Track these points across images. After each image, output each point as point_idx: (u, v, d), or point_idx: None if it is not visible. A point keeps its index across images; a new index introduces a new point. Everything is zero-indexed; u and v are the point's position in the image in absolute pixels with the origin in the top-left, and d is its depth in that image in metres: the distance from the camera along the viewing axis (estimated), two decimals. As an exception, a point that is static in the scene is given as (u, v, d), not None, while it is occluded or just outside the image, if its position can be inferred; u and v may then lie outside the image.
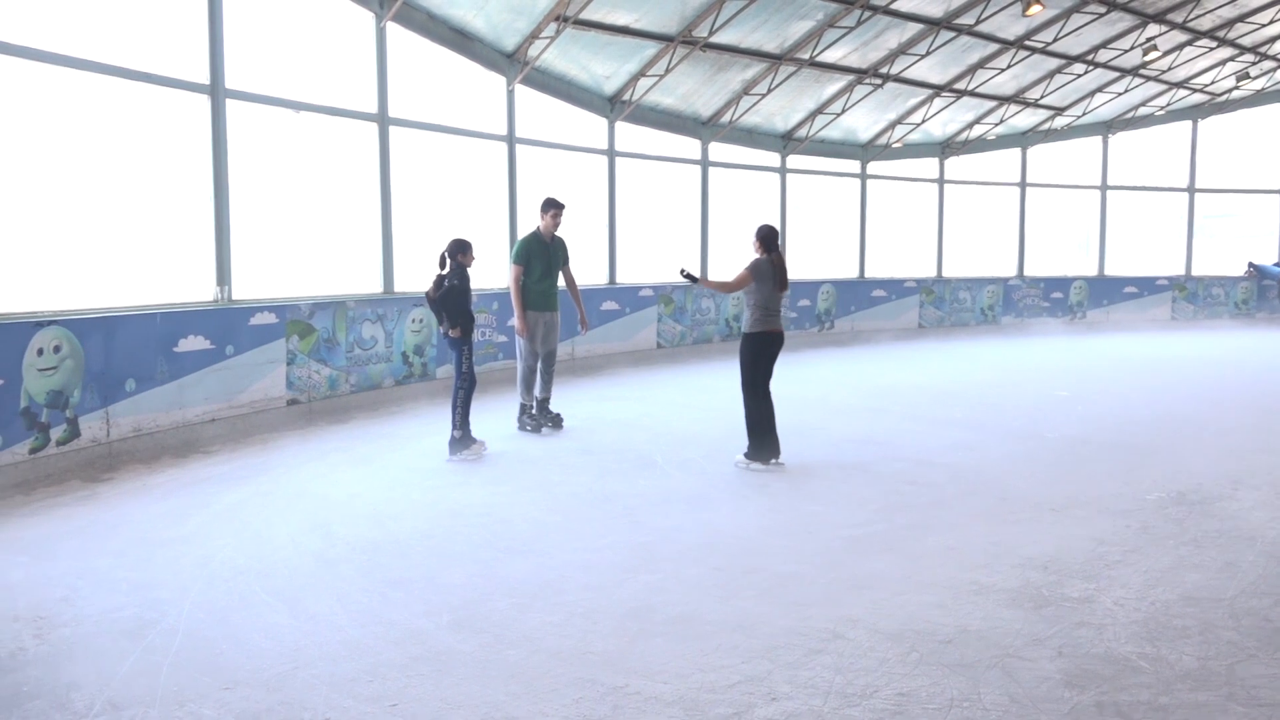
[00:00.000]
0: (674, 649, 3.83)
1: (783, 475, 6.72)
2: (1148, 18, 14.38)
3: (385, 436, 8.09)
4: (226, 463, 7.10)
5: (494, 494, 6.25)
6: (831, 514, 5.75)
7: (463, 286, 7.25)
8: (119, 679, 3.59)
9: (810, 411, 9.31)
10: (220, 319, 7.91)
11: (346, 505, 5.95)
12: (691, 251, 14.42)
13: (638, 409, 9.25)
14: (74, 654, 3.80)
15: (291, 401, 8.56)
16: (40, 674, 3.62)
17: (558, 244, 8.44)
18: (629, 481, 6.58)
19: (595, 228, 12.95)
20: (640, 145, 13.53)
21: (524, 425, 8.28)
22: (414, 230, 10.19)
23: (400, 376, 9.80)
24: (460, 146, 10.97)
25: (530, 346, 8.29)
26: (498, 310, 10.90)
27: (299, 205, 9.23)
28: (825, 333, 16.06)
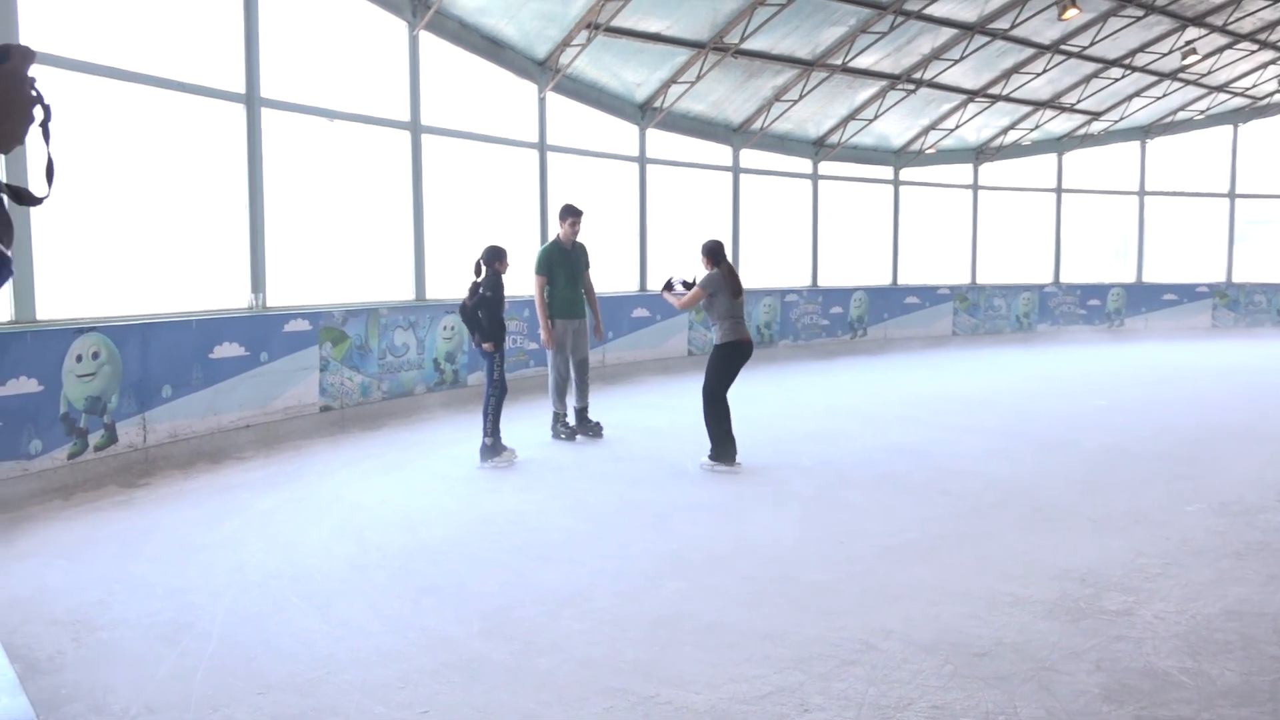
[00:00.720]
0: (704, 658, 3.82)
1: (814, 483, 6.68)
2: (1187, 20, 14.20)
3: (417, 444, 8.14)
4: (260, 469, 7.18)
5: (525, 501, 6.27)
6: (863, 523, 5.71)
7: (496, 297, 7.29)
8: (155, 683, 3.63)
9: (842, 419, 9.26)
10: (254, 326, 8.01)
11: (378, 512, 5.99)
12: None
13: (668, 417, 9.25)
14: (111, 658, 3.85)
15: (324, 408, 8.65)
16: (78, 677, 3.67)
17: (579, 250, 8.45)
18: (659, 489, 6.58)
19: (626, 235, 12.97)
20: (671, 152, 13.55)
21: (558, 433, 8.30)
22: (446, 238, 10.27)
23: (432, 383, 9.87)
24: (492, 154, 11.05)
25: (559, 356, 8.32)
26: (528, 317, 10.95)
27: (332, 213, 9.33)
28: (858, 340, 15.97)
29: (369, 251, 9.75)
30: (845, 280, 16.12)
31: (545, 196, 11.58)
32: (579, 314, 8.42)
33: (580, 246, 8.47)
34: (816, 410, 9.90)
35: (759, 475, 6.95)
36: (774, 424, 9.06)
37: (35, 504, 6.07)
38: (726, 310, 7.21)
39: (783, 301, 14.93)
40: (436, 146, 10.21)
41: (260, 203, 8.28)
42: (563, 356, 8.33)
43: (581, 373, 8.44)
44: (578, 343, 8.42)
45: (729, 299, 7.21)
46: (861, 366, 13.86)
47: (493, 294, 7.27)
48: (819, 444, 8.07)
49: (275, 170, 8.46)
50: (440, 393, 9.94)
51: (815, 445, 8.02)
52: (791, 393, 11.17)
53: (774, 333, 14.82)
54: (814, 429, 8.78)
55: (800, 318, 15.20)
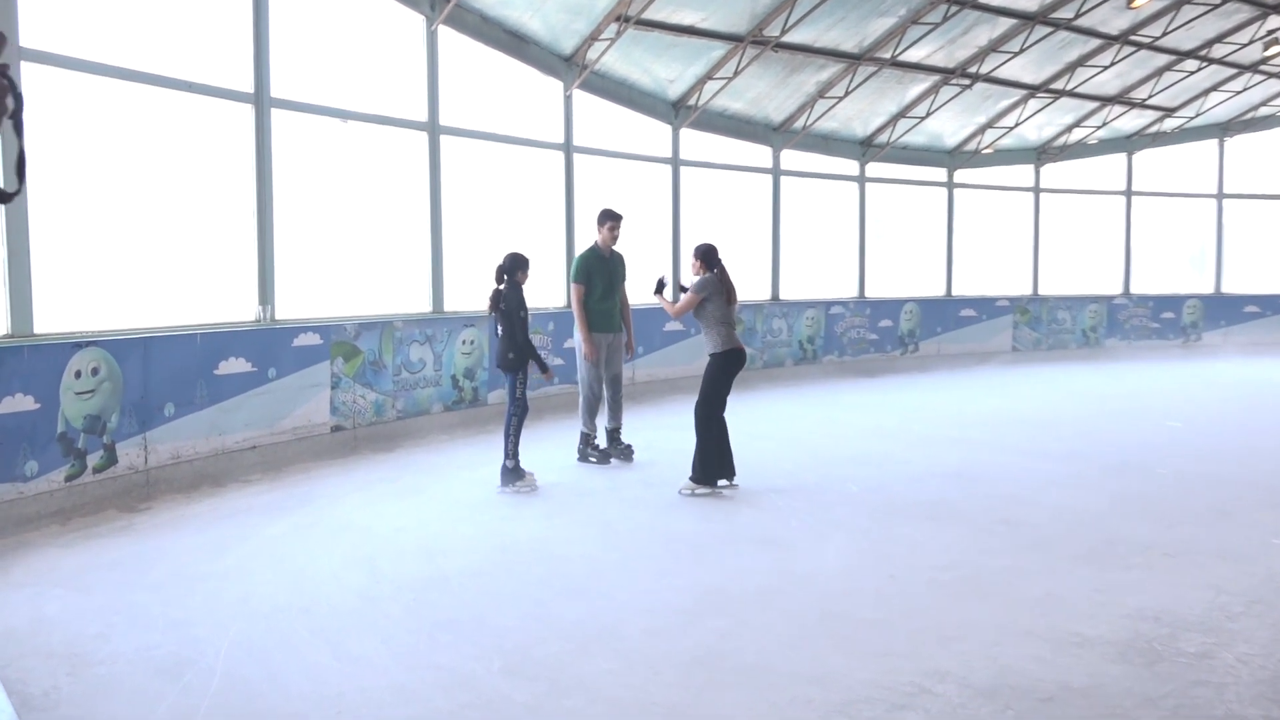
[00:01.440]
0: (744, 701, 3.80)
1: (862, 511, 6.65)
2: (1268, 8, 14.05)
3: (433, 466, 8.19)
4: (267, 493, 7.26)
5: (549, 529, 6.28)
6: (916, 555, 5.68)
7: (510, 309, 7.30)
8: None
9: (891, 442, 9.21)
10: (262, 340, 8.10)
11: (392, 540, 6.03)
12: (762, 266, 14.40)
13: (703, 438, 9.25)
14: (109, 693, 3.90)
15: (335, 428, 8.73)
16: (74, 713, 3.72)
17: (617, 259, 8.50)
18: (694, 517, 6.58)
19: (658, 241, 13.00)
20: (707, 153, 13.58)
21: (587, 456, 8.32)
22: (465, 246, 10.35)
23: (450, 402, 9.93)
24: (514, 156, 11.12)
25: (593, 372, 8.34)
26: (554, 331, 10.99)
27: (345, 220, 9.42)
28: (908, 356, 15.89)
29: (384, 261, 9.83)
30: (895, 291, 16.06)
31: (571, 201, 11.65)
32: (615, 327, 8.45)
33: (618, 255, 8.51)
34: (864, 432, 9.86)
35: (802, 502, 6.93)
36: (818, 446, 9.04)
37: (31, 529, 6.17)
38: (721, 316, 7.28)
39: (827, 314, 14.90)
40: (456, 148, 10.30)
41: (269, 209, 8.39)
42: (596, 372, 8.36)
43: (614, 390, 8.47)
44: (612, 358, 8.45)
45: (723, 304, 7.30)
46: (912, 384, 13.79)
47: (507, 306, 7.29)
48: (867, 468, 8.04)
49: (285, 174, 8.57)
50: (459, 412, 10.00)
51: (863, 470, 7.99)
52: (836, 412, 11.14)
53: (817, 348, 14.78)
54: (861, 452, 8.74)
55: (846, 331, 15.16)
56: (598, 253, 8.38)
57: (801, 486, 7.39)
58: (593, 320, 8.29)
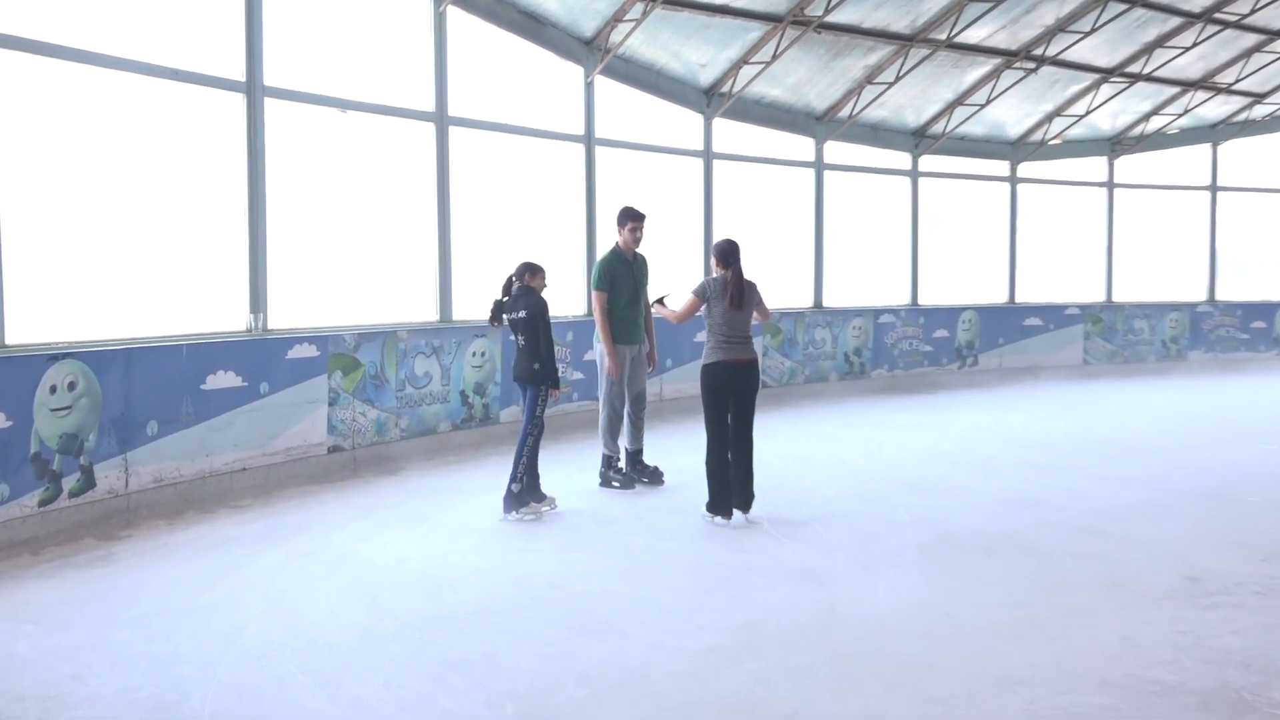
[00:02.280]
0: (783, 754, 3.79)
1: (915, 543, 6.63)
2: (1371, -18, 13.94)
3: (441, 491, 8.23)
4: (258, 520, 7.31)
5: (567, 561, 6.29)
6: (976, 592, 5.65)
7: (534, 316, 7.31)
8: (136, 771, 3.70)
9: (948, 466, 9.18)
10: (253, 352, 8.18)
11: (395, 572, 6.06)
12: (803, 270, 14.40)
13: (738, 461, 9.25)
14: (86, 740, 3.94)
15: (333, 449, 8.79)
16: (49, 762, 3.76)
17: (640, 262, 8.52)
18: (727, 547, 6.57)
19: (688, 243, 13.02)
20: (742, 145, 13.61)
21: (610, 480, 8.34)
22: (476, 248, 10.41)
23: (458, 420, 9.98)
24: (530, 149, 11.18)
25: (615, 388, 8.36)
26: (573, 341, 11.03)
27: (344, 219, 9.50)
28: (967, 370, 15.82)
29: (386, 265, 9.89)
30: (952, 298, 16.01)
31: (593, 199, 11.70)
32: (639, 338, 8.47)
33: (642, 259, 8.53)
34: (917, 454, 9.83)
35: (847, 533, 6.91)
36: (865, 470, 9.01)
37: (0, 559, 6.24)
38: (719, 323, 7.24)
39: (876, 323, 14.87)
40: (465, 141, 10.37)
41: (261, 208, 8.48)
42: (620, 389, 8.38)
43: (637, 409, 8.48)
44: (635, 373, 8.47)
45: (725, 309, 7.23)
46: (972, 402, 13.74)
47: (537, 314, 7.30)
48: (920, 495, 8.00)
49: (279, 170, 8.66)
50: (468, 431, 10.05)
51: (916, 497, 7.95)
52: (886, 433, 11.10)
53: (865, 361, 14.75)
54: (914, 477, 8.71)
55: (897, 343, 15.12)
56: (620, 256, 8.39)
57: (847, 515, 7.36)
58: (616, 331, 8.29)
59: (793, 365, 13.85)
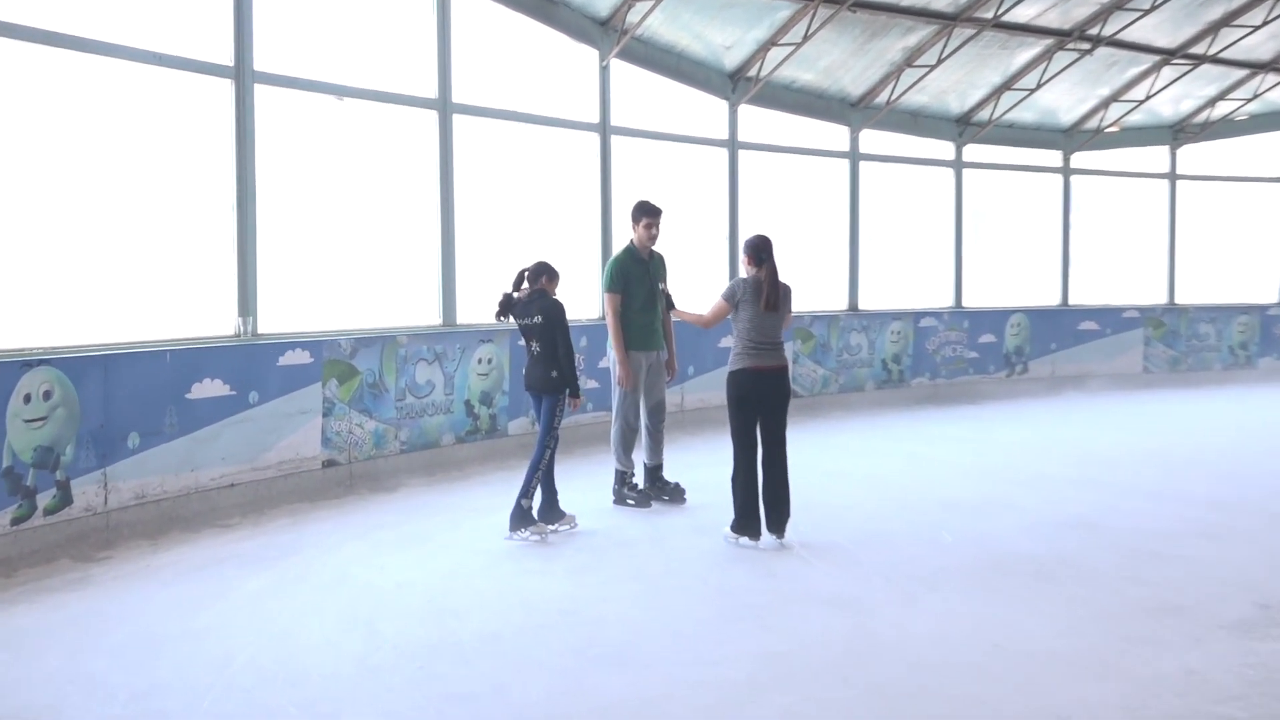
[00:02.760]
0: (816, 796, 3.80)
1: (959, 567, 6.61)
2: None
3: (444, 509, 8.25)
4: (248, 539, 7.34)
5: (580, 586, 6.31)
6: (1025, 620, 5.63)
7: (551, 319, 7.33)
8: (117, 810, 3.73)
9: (995, 483, 9.15)
10: (242, 358, 8.22)
11: (395, 596, 6.08)
12: (837, 269, 14.39)
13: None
14: (63, 777, 3.97)
15: (328, 463, 8.83)
16: (23, 800, 3.79)
17: (657, 262, 8.52)
18: (754, 572, 6.58)
19: (711, 240, 13.03)
20: (770, 134, 13.62)
21: (624, 498, 8.35)
22: (482, 246, 10.44)
23: (463, 432, 10.01)
24: (540, 138, 11.22)
25: (630, 398, 8.36)
26: (587, 347, 11.03)
27: (340, 215, 9.53)
28: (1016, 378, 15.77)
29: (385, 264, 9.91)
30: (999, 300, 15.97)
31: (608, 192, 11.72)
32: (656, 344, 8.46)
33: (658, 257, 8.54)
34: (961, 470, 9.81)
35: (885, 555, 6.90)
36: (905, 488, 9.00)
37: (-28, 581, 6.30)
38: (747, 327, 7.23)
39: (916, 327, 14.85)
40: (471, 130, 10.42)
41: (251, 204, 8.53)
42: (634, 399, 8.39)
43: (656, 420, 8.49)
44: (653, 382, 8.47)
45: (755, 312, 7.23)
46: (1021, 413, 13.70)
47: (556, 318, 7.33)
48: (965, 515, 7.99)
49: (270, 162, 8.70)
50: (474, 444, 10.08)
51: (960, 517, 7.94)
52: (928, 446, 11.08)
53: (905, 368, 14.73)
54: (958, 495, 8.69)
55: (940, 349, 15.09)
56: (635, 254, 8.40)
57: (884, 536, 7.35)
58: (630, 336, 8.28)
59: (826, 373, 13.84)
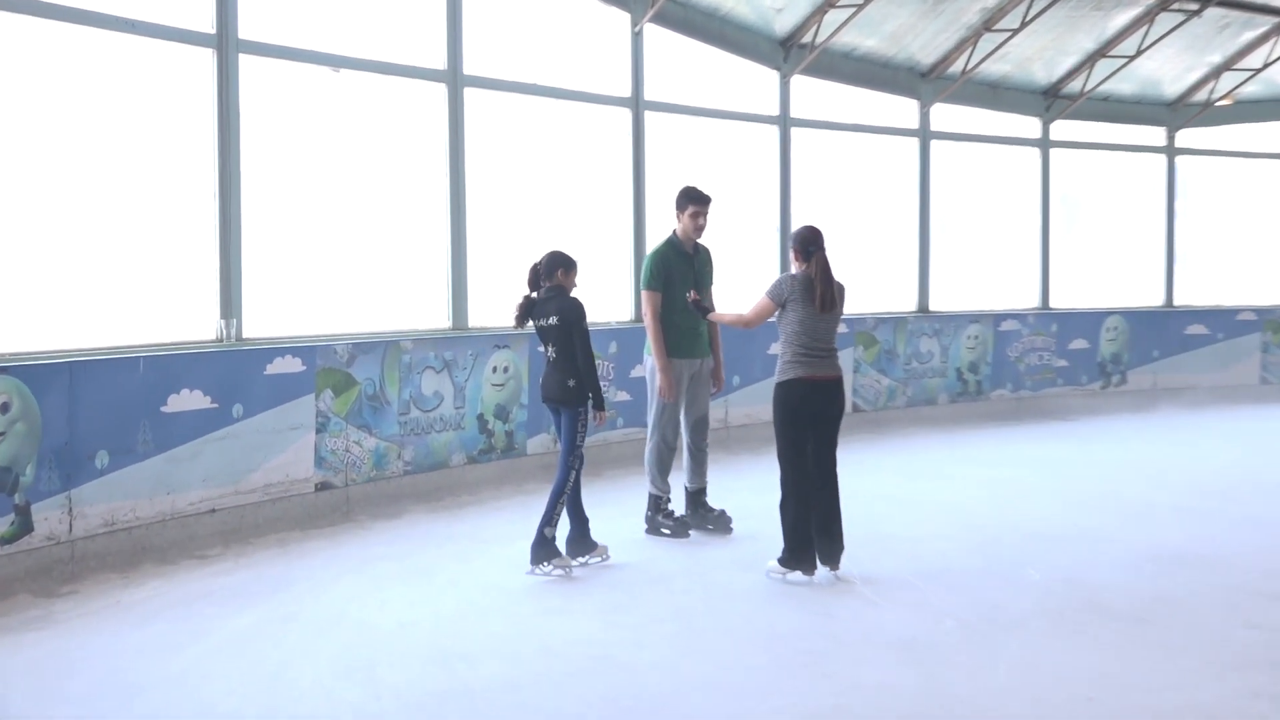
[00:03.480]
0: None
1: (1045, 608, 6.57)
2: None
3: (454, 539, 8.27)
4: (231, 572, 7.38)
5: (611, 627, 6.31)
6: (1124, 672, 5.59)
7: (568, 321, 7.32)
8: None
9: (1088, 512, 9.10)
10: (225, 366, 8.26)
11: (398, 639, 6.10)
12: (905, 264, 14.37)
13: (823, 503, 9.22)
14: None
15: (322, 485, 8.87)
16: None
17: (703, 256, 8.51)
18: (807, 612, 6.56)
19: (760, 230, 13.00)
20: (827, 109, 13.59)
21: (658, 526, 8.34)
22: (497, 239, 10.48)
23: (475, 451, 10.03)
24: (564, 114, 11.25)
25: (668, 412, 8.33)
26: (617, 354, 11.03)
27: (337, 203, 9.59)
28: (1112, 391, 15.67)
29: (388, 259, 9.94)
30: (1093, 300, 15.91)
31: (641, 176, 11.72)
32: (701, 351, 8.44)
33: (705, 251, 8.53)
34: (1048, 497, 9.76)
35: (960, 595, 6.87)
36: (982, 517, 8.95)
37: (-80, 618, 6.37)
38: (798, 330, 7.20)
39: (996, 331, 14.77)
40: (484, 106, 10.46)
41: (235, 191, 8.58)
42: (674, 413, 8.36)
43: (697, 438, 8.48)
44: (696, 394, 8.45)
45: (805, 312, 7.20)
46: (1118, 431, 13.61)
47: (574, 320, 7.33)
48: (1053, 548, 7.94)
49: (257, 143, 8.77)
50: (488, 465, 10.09)
51: (1046, 550, 7.89)
52: (1010, 470, 11.03)
53: (983, 379, 14.65)
54: (1044, 526, 8.64)
55: (1023, 356, 15.01)
56: (677, 247, 8.38)
57: (959, 572, 7.32)
58: (672, 342, 8.24)
59: (892, 384, 13.79)
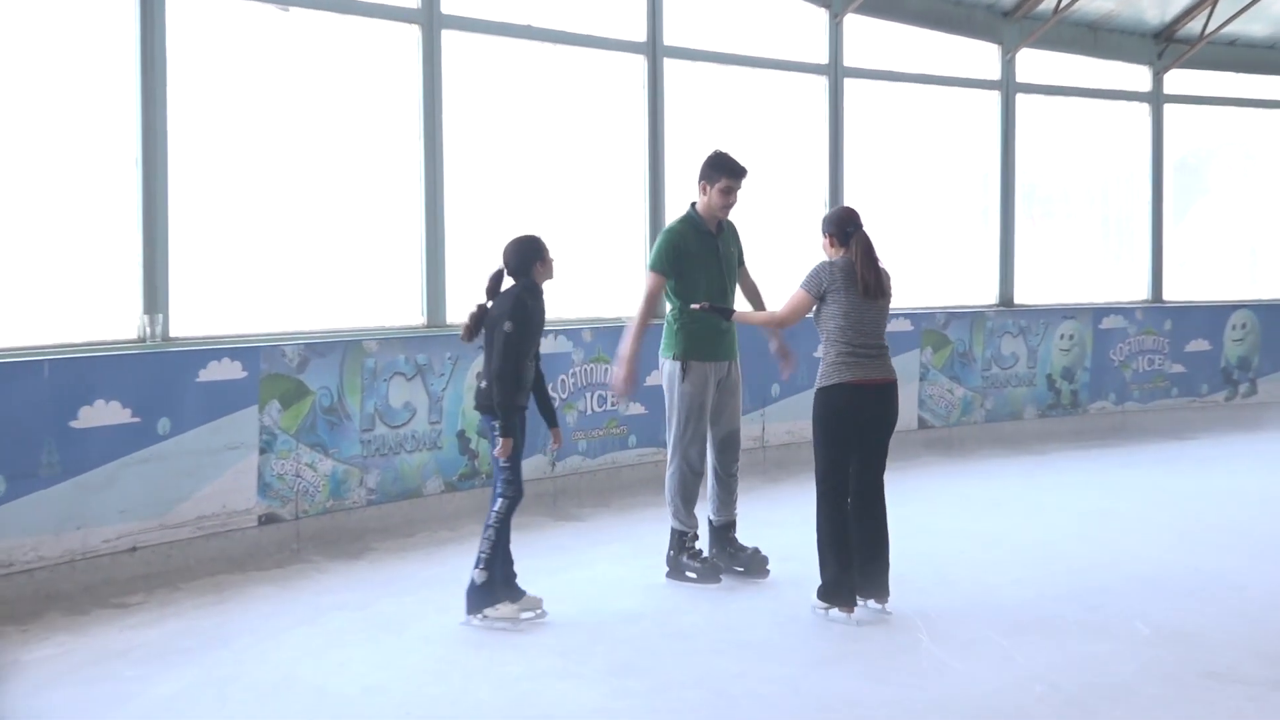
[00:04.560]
0: None
1: (1165, 674, 6.55)
2: None
3: (428, 583, 8.25)
4: (156, 624, 7.37)
5: (621, 694, 6.31)
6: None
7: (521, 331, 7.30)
8: None
9: (1210, 553, 9.08)
10: (149, 371, 8.27)
11: (360, 706, 6.10)
12: (983, 249, 14.34)
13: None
14: None
15: (267, 518, 8.85)
16: None
17: (728, 233, 8.47)
18: (869, 677, 6.56)
19: (804, 202, 12.97)
20: (886, 57, 13.58)
21: (683, 569, 8.31)
22: (480, 217, 10.47)
23: (455, 476, 10.02)
24: (563, 62, 11.25)
25: (697, 427, 8.29)
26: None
27: (284, 172, 9.59)
28: (1240, 403, 15.62)
29: (348, 242, 9.94)
30: (1215, 291, 15.90)
31: (658, 137, 11.72)
32: (728, 351, 8.41)
33: (730, 228, 8.49)
34: (1160, 534, 9.72)
35: (1052, 653, 6.85)
36: (1079, 558, 8.93)
37: None
38: (843, 324, 7.27)
39: (1095, 329, 14.73)
40: (464, 53, 10.45)
41: (162, 157, 8.58)
42: (698, 429, 8.32)
43: (727, 460, 8.46)
44: (723, 404, 8.42)
45: (851, 302, 7.27)
46: (1247, 452, 13.59)
47: (518, 327, 7.32)
48: (1166, 598, 7.92)
49: (184, 98, 8.76)
50: (469, 492, 10.06)
51: (1159, 600, 7.87)
52: (1112, 500, 11.00)
53: (1080, 388, 14.60)
54: (1155, 569, 8.61)
55: (1129, 359, 14.96)
56: (698, 225, 8.31)
57: (1051, 625, 7.31)
58: (692, 341, 8.23)
59: (967, 394, 13.77)
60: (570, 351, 10.56)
